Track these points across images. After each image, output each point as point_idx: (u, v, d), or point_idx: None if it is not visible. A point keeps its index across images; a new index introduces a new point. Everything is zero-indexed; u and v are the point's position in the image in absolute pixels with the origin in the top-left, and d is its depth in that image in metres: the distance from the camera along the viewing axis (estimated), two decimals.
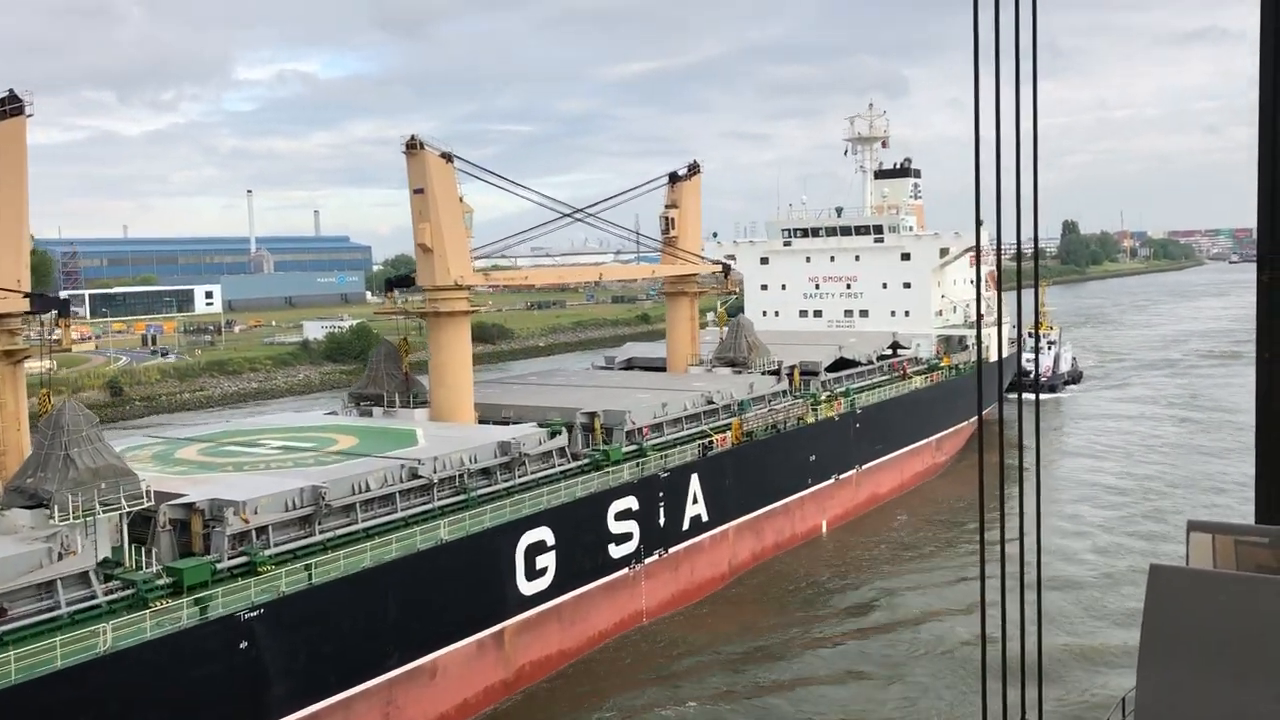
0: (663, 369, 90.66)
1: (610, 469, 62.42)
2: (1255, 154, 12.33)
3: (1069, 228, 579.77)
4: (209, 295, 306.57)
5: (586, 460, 63.56)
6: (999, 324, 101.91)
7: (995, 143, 13.31)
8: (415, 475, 53.90)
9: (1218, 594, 10.09)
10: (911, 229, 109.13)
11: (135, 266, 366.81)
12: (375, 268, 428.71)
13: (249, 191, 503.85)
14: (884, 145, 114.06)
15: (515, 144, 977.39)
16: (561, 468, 62.08)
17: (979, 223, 15.07)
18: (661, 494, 63.68)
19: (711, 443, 69.18)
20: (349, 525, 50.51)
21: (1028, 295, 17.28)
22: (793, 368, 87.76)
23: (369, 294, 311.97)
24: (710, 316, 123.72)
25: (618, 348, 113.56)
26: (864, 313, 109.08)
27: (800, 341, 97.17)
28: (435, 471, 54.74)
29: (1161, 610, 10.37)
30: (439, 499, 54.67)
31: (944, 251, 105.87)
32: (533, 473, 60.29)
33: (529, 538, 54.72)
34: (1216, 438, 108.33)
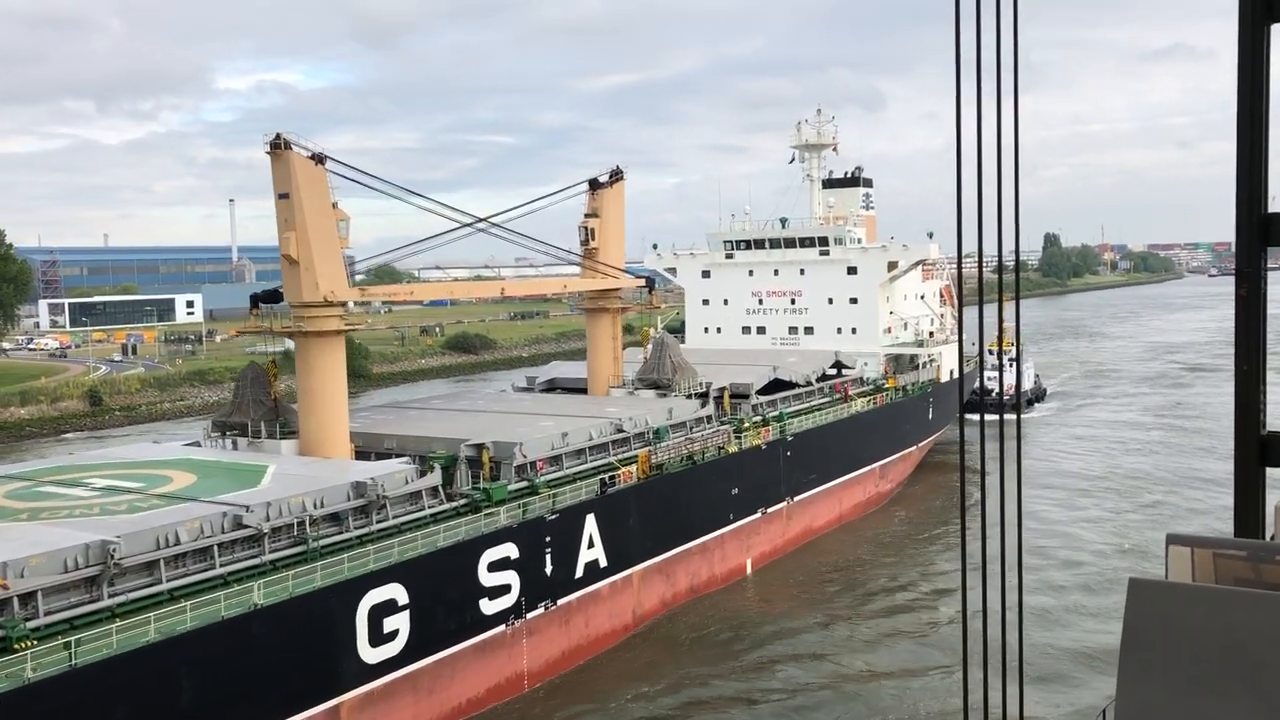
0: (585, 391, 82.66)
1: (492, 510, 54.27)
2: (1231, 169, 12.26)
3: (1050, 241, 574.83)
4: (190, 304, 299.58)
5: (464, 501, 55.41)
6: (965, 340, 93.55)
7: (976, 151, 13.28)
8: (240, 524, 45.74)
9: (1196, 607, 9.88)
10: (860, 241, 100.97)
11: (116, 275, 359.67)
12: (358, 277, 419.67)
13: (231, 200, 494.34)
14: (835, 151, 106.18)
15: (496, 155, 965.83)
16: (433, 510, 53.90)
17: (960, 236, 14.07)
18: (549, 539, 55.47)
19: (614, 478, 61.04)
20: (152, 586, 42.28)
21: (991, 310, 16.50)
22: (722, 390, 79.68)
23: (350, 304, 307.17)
24: (652, 334, 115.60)
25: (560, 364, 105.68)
26: (809, 330, 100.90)
27: (735, 361, 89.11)
28: (268, 519, 46.51)
29: (1141, 623, 10.02)
30: (272, 551, 46.43)
31: (892, 265, 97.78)
32: (395, 517, 52.03)
33: (374, 597, 46.41)
34: (1194, 462, 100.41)
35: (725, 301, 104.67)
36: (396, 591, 47.39)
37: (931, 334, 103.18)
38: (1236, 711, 9.49)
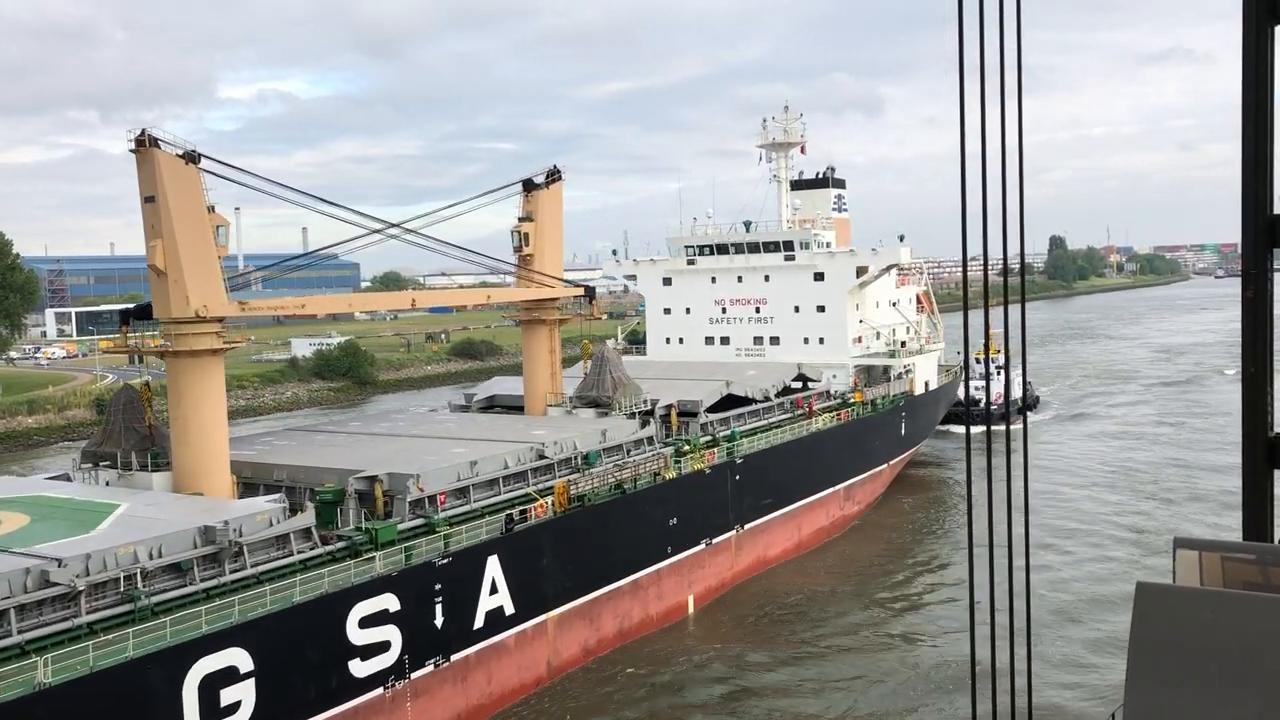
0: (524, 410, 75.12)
1: (368, 556, 46.77)
2: (1236, 170, 12.13)
3: (1056, 243, 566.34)
4: None
5: (343, 544, 47.91)
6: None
7: (981, 152, 13.02)
8: (48, 581, 38.38)
9: (1205, 611, 9.72)
10: (829, 245, 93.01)
11: (122, 284, 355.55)
12: (364, 284, 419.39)
13: (237, 209, 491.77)
14: (802, 151, 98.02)
15: (499, 162, 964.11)
16: (304, 556, 46.41)
17: (965, 238, 13.53)
18: (439, 586, 47.90)
19: (525, 513, 53.45)
20: None
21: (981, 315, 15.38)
22: (669, 408, 72.01)
23: (356, 312, 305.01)
24: (610, 344, 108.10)
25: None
26: (774, 340, 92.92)
27: (687, 375, 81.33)
28: (86, 573, 39.20)
29: (1148, 628, 9.78)
30: (90, 613, 39.06)
31: (861, 270, 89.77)
32: (256, 565, 44.61)
33: (207, 665, 38.84)
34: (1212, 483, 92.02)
35: (687, 310, 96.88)
36: (237, 657, 39.84)
37: (904, 344, 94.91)
38: (1245, 715, 9.21)
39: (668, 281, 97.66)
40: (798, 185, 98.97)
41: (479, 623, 49.87)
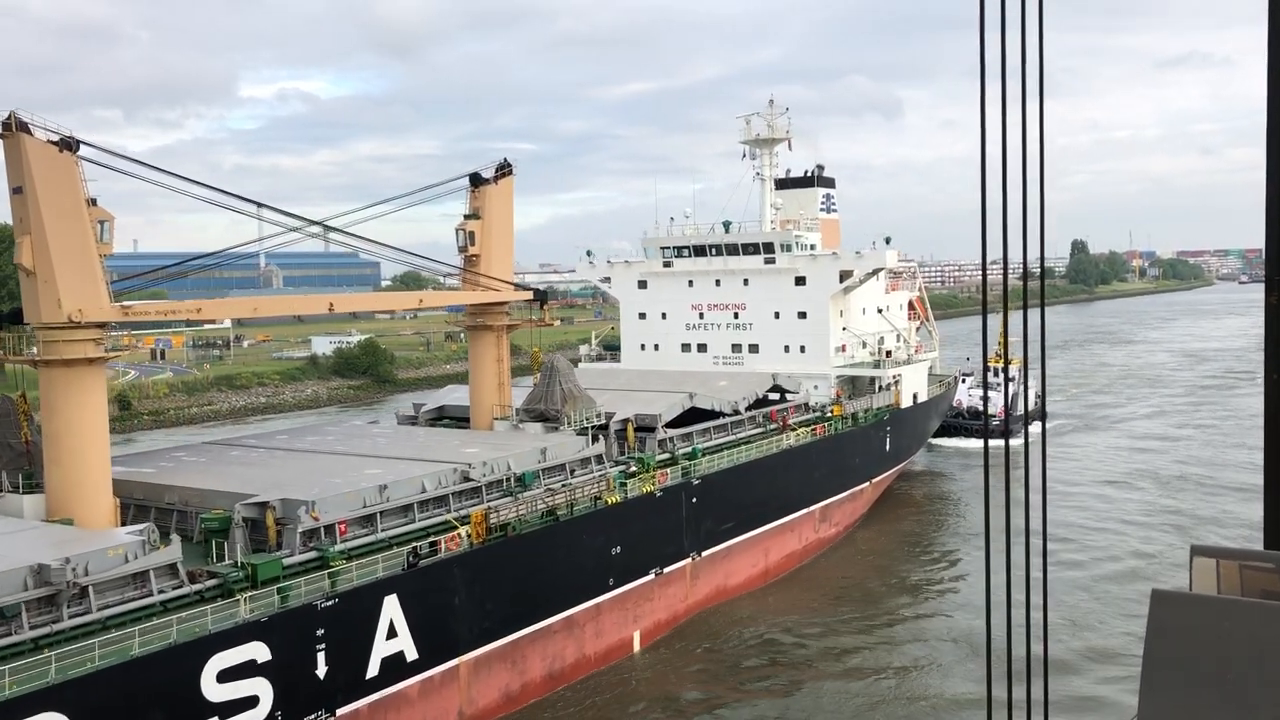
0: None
1: (241, 597, 40.49)
2: (1261, 175, 11.83)
3: (1078, 247, 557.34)
4: None
5: (214, 583, 41.67)
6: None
7: (1001, 156, 12.54)
8: None
9: (1222, 620, 9.22)
10: (813, 247, 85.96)
11: (145, 282, 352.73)
12: (384, 283, 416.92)
13: (259, 206, 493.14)
14: (789, 147, 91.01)
15: (518, 162, 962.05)
16: (165, 597, 40.21)
17: (984, 242, 12.56)
18: (321, 631, 41.57)
19: (433, 546, 47.02)
20: None
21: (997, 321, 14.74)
22: (625, 423, 65.43)
23: (375, 313, 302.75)
24: (583, 350, 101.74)
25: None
26: (753, 348, 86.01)
27: (652, 386, 74.60)
28: None
29: (1164, 636, 9.34)
30: None
31: (845, 275, 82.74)
32: (103, 609, 38.43)
33: None
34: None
35: (663, 315, 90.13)
36: None
37: (889, 353, 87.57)
38: None
39: (643, 285, 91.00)
40: (783, 184, 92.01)
41: (373, 671, 43.49)
